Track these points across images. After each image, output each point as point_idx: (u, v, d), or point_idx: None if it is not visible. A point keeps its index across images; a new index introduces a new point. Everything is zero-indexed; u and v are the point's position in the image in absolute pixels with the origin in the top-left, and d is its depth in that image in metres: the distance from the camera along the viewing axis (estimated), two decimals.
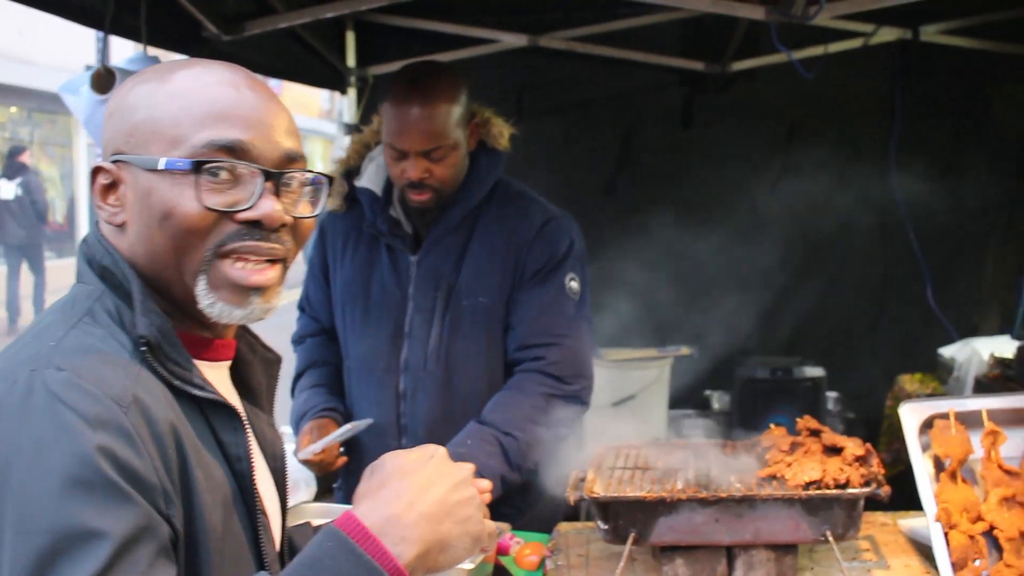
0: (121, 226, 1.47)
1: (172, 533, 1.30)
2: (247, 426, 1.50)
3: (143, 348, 1.38)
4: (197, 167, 1.40)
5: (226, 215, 1.43)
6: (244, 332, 1.66)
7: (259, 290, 1.47)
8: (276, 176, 1.46)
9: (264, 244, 1.46)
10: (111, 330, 1.40)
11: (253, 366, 1.67)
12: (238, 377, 1.64)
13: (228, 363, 1.59)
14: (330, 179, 1.56)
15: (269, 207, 1.45)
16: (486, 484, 1.72)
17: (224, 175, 1.42)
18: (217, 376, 1.54)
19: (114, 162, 1.46)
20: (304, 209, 1.52)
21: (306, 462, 2.91)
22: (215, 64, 1.51)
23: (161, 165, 1.41)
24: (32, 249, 14.99)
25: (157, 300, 1.44)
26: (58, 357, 1.31)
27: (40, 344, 1.35)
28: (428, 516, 1.39)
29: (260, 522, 1.49)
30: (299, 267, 2.16)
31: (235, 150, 1.43)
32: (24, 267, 14.87)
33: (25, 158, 15.68)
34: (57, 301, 1.47)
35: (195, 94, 1.44)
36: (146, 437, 1.30)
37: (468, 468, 1.50)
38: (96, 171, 1.47)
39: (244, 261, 1.45)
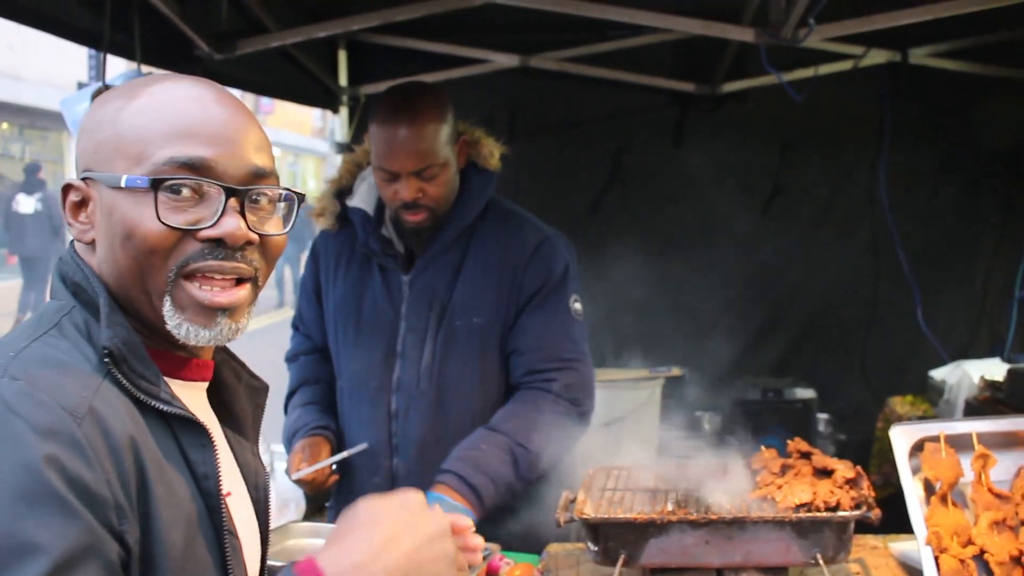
0: (91, 244, 1.44)
1: (123, 551, 1.25)
2: (216, 444, 1.43)
3: (106, 359, 1.34)
4: (155, 184, 1.37)
5: (189, 233, 1.39)
6: (228, 358, 1.63)
7: (226, 311, 1.43)
8: (240, 193, 1.41)
9: (228, 264, 1.41)
10: (77, 343, 1.37)
11: (237, 393, 1.63)
12: (221, 403, 1.60)
13: (204, 384, 1.55)
14: (301, 196, 1.51)
15: (232, 225, 1.40)
16: (478, 543, 1.69)
17: (187, 192, 1.39)
18: (191, 396, 1.49)
19: (83, 179, 1.43)
20: (274, 227, 1.48)
21: (298, 481, 2.91)
22: (185, 79, 1.47)
23: (122, 183, 1.38)
24: (47, 263, 15.22)
25: (128, 318, 1.41)
26: (15, 367, 1.28)
27: (0, 356, 1.32)
28: (393, 570, 1.34)
29: (228, 543, 1.43)
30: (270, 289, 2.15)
31: (197, 167, 1.39)
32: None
33: (43, 175, 16.25)
34: (29, 317, 1.45)
35: (160, 110, 1.41)
36: (100, 449, 1.25)
37: (445, 521, 1.46)
38: (66, 188, 1.45)
39: (210, 282, 1.41)
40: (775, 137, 5.34)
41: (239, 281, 1.44)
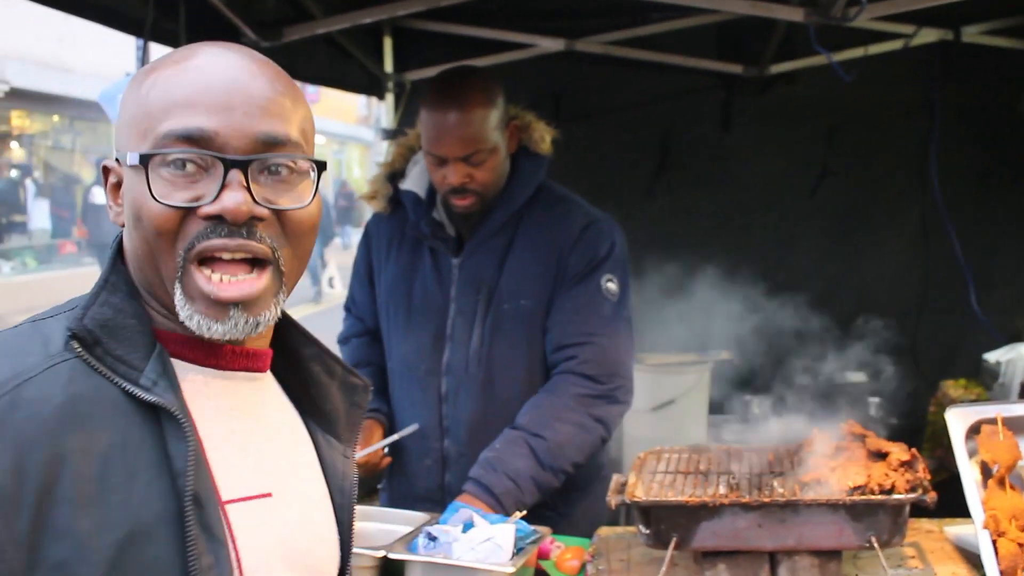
0: (124, 226, 1.37)
1: None
2: (190, 438, 1.28)
3: (71, 341, 1.27)
4: (144, 160, 1.28)
5: (192, 212, 1.29)
6: (322, 353, 1.53)
7: (238, 304, 1.31)
8: (241, 164, 1.29)
9: (232, 241, 1.29)
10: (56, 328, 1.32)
11: (330, 390, 1.53)
12: (310, 400, 1.52)
13: (256, 375, 1.43)
14: (321, 164, 1.38)
15: (232, 200, 1.28)
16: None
17: (191, 167, 1.29)
18: (229, 388, 1.39)
19: (116, 159, 1.37)
20: (297, 200, 1.35)
21: None
22: (203, 46, 1.37)
23: (128, 161, 1.31)
24: None
25: (154, 301, 1.36)
26: None
27: None
28: None
29: (193, 550, 1.24)
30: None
31: (196, 139, 1.28)
32: None
33: None
34: None
35: (166, 82, 1.31)
36: (21, 437, 1.19)
37: None
38: (105, 170, 1.39)
39: (219, 271, 1.31)
40: (824, 119, 5.27)
41: (252, 266, 1.33)
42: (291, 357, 1.51)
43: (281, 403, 1.50)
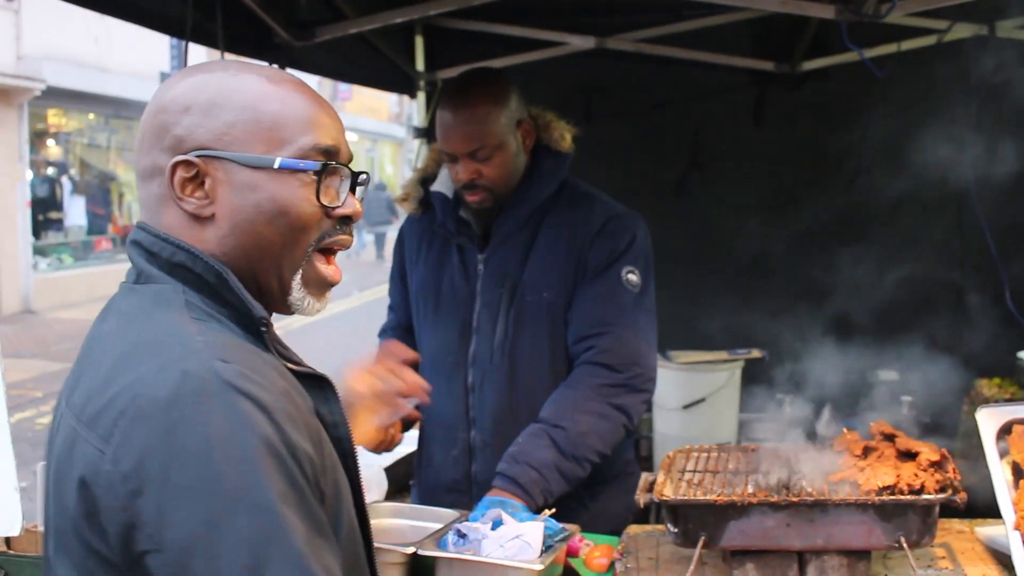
0: (209, 218, 1.48)
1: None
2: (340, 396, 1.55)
3: (263, 330, 1.45)
4: (322, 169, 1.49)
5: (326, 212, 1.52)
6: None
7: (331, 287, 1.58)
8: (357, 176, 1.56)
9: (347, 237, 1.56)
10: (223, 323, 1.44)
11: None
12: None
13: None
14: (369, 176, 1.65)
15: (354, 204, 1.56)
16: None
17: (332, 177, 1.52)
18: None
19: (200, 156, 1.47)
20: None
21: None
22: (281, 72, 1.58)
23: (276, 164, 1.47)
24: None
25: (248, 287, 1.50)
26: (217, 351, 1.34)
27: (176, 339, 1.36)
28: None
29: (357, 482, 1.54)
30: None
31: (331, 153, 1.52)
32: None
33: None
34: (129, 296, 1.49)
35: (288, 99, 1.51)
36: (299, 420, 1.36)
37: None
38: (176, 165, 1.47)
39: (330, 259, 1.56)
40: (857, 115, 5.24)
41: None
42: None
43: None
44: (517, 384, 3.01)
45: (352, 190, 1.56)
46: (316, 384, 1.51)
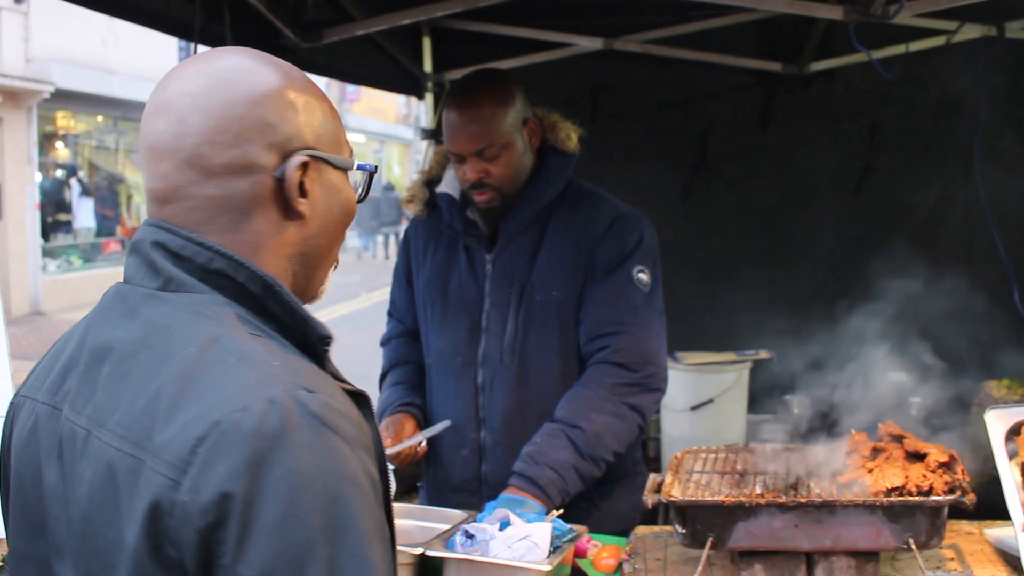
0: (302, 219, 1.42)
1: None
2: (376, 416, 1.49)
3: (326, 349, 1.40)
4: (374, 169, 1.57)
5: None
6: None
7: None
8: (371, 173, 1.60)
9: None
10: (279, 341, 1.35)
11: None
12: None
13: None
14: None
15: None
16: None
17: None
18: None
19: (314, 156, 1.43)
20: None
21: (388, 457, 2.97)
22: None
23: (354, 166, 1.52)
24: None
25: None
26: (298, 378, 1.26)
27: (248, 362, 1.27)
28: None
29: (388, 494, 1.43)
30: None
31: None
32: None
33: None
34: (157, 305, 1.35)
35: (333, 111, 1.52)
36: (370, 449, 1.31)
37: None
38: (304, 165, 1.41)
39: None
40: (865, 117, 5.23)
41: None
42: None
43: None
44: (527, 383, 3.01)
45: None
46: (356, 401, 1.37)
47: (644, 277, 3.01)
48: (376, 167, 1.59)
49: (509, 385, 3.02)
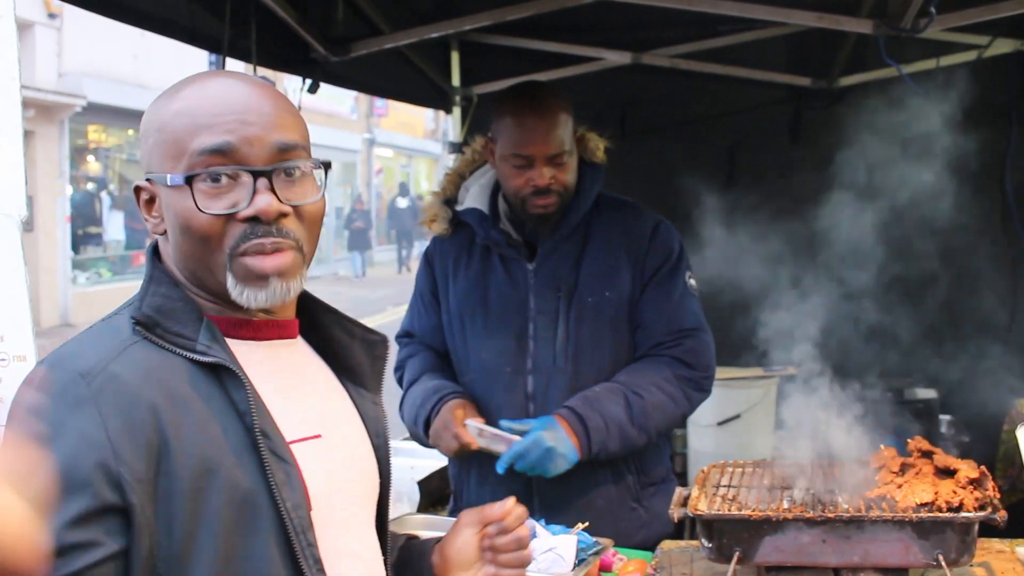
0: (164, 234, 1.60)
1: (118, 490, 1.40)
2: (247, 384, 1.53)
3: (136, 328, 1.53)
4: (189, 180, 1.52)
5: (232, 217, 1.54)
6: (340, 318, 1.76)
7: (276, 275, 1.56)
8: (266, 172, 1.54)
9: (267, 240, 1.54)
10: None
11: (352, 348, 1.76)
12: (336, 359, 1.75)
13: (288, 341, 1.68)
14: (327, 164, 1.63)
15: (264, 202, 1.53)
16: None
17: (224, 179, 1.53)
18: (267, 353, 1.63)
19: (147, 180, 1.59)
20: (308, 195, 1.60)
21: (456, 436, 2.93)
22: (212, 75, 1.63)
23: (168, 182, 1.54)
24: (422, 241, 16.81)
25: (200, 291, 1.59)
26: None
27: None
28: None
29: (269, 469, 1.51)
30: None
31: (225, 152, 1.53)
32: None
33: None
34: None
35: (187, 108, 1.55)
36: (110, 400, 1.44)
37: None
38: (137, 190, 1.62)
39: (268, 254, 1.55)
40: (896, 132, 5.19)
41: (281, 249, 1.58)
42: (315, 325, 1.75)
43: (315, 362, 1.74)
44: (581, 387, 3.00)
45: (272, 187, 1.54)
46: (230, 375, 1.53)
47: (694, 283, 3.14)
48: (184, 178, 1.53)
49: (563, 390, 3.00)
